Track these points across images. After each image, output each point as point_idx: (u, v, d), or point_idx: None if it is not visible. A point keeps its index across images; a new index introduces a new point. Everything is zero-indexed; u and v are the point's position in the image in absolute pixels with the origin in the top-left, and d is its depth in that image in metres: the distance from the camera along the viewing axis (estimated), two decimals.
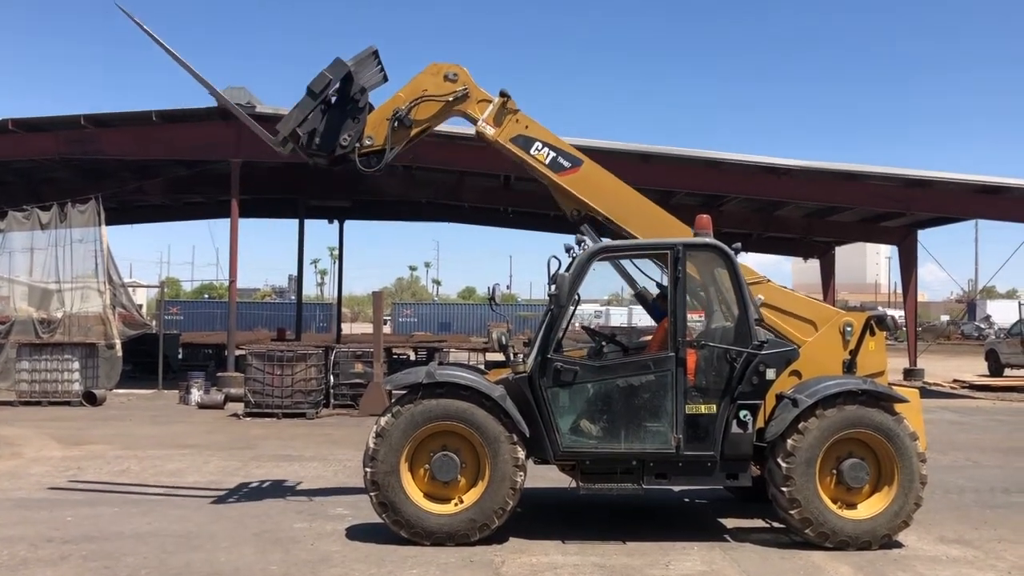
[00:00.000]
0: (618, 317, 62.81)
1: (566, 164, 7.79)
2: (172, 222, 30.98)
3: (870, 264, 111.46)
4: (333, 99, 7.76)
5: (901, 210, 22.01)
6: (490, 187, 23.56)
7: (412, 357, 23.03)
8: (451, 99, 7.79)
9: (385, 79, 8.06)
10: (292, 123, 7.66)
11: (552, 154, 7.79)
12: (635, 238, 7.66)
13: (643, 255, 7.86)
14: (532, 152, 7.78)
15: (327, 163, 7.95)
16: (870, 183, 20.29)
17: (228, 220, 18.96)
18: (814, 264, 29.89)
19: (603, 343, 8.12)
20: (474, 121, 7.83)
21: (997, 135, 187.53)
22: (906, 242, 25.17)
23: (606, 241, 7.60)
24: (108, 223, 18.78)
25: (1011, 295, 68.92)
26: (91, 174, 21.58)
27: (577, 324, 11.34)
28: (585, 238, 7.46)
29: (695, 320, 7.75)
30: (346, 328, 42.14)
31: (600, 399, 7.04)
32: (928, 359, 27.90)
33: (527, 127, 7.80)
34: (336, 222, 28.95)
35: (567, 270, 7.28)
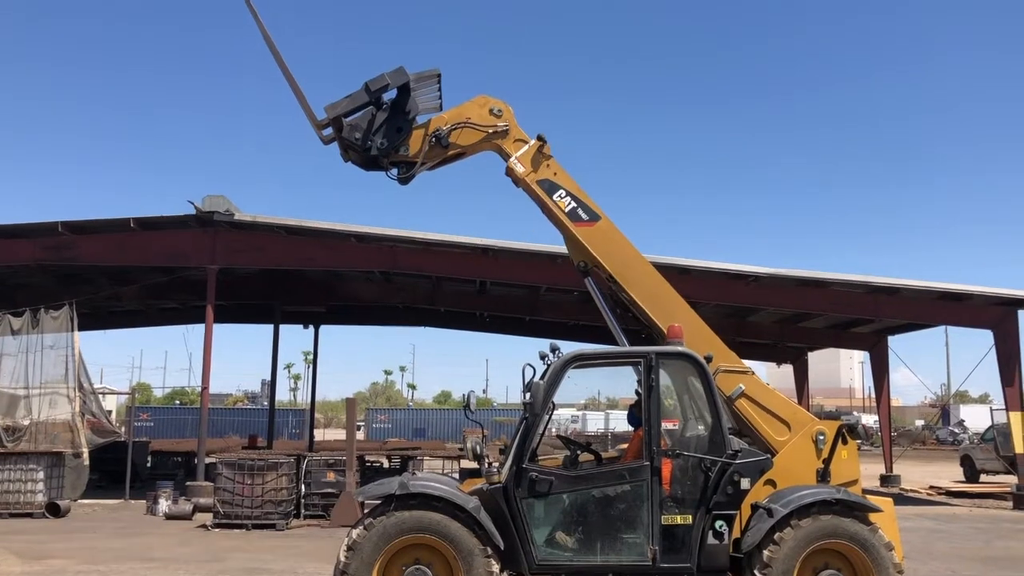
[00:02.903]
0: (595, 422, 62.42)
1: (584, 216, 8.08)
2: (145, 327, 30.70)
3: (844, 368, 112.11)
4: (385, 104, 8.01)
5: (869, 316, 22.34)
6: (466, 292, 23.75)
7: (386, 464, 22.64)
8: (491, 131, 8.14)
9: (440, 107, 8.39)
10: (339, 110, 7.89)
11: (573, 204, 8.08)
12: (636, 302, 7.92)
13: (617, 363, 7.93)
14: (555, 198, 8.08)
15: (360, 161, 8.18)
16: (837, 290, 20.65)
17: (202, 325, 18.89)
18: (788, 369, 30.12)
19: (578, 451, 8.09)
20: (507, 157, 8.16)
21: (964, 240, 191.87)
22: (877, 348, 25.52)
23: (580, 348, 7.69)
24: (81, 328, 18.57)
25: (984, 400, 69.37)
26: (66, 279, 21.54)
27: (553, 430, 11.36)
28: (559, 346, 7.55)
29: (670, 428, 7.77)
30: (319, 434, 41.49)
31: (576, 510, 6.99)
32: (904, 465, 27.86)
33: (556, 174, 8.14)
34: (311, 327, 28.91)
35: (542, 378, 7.32)
